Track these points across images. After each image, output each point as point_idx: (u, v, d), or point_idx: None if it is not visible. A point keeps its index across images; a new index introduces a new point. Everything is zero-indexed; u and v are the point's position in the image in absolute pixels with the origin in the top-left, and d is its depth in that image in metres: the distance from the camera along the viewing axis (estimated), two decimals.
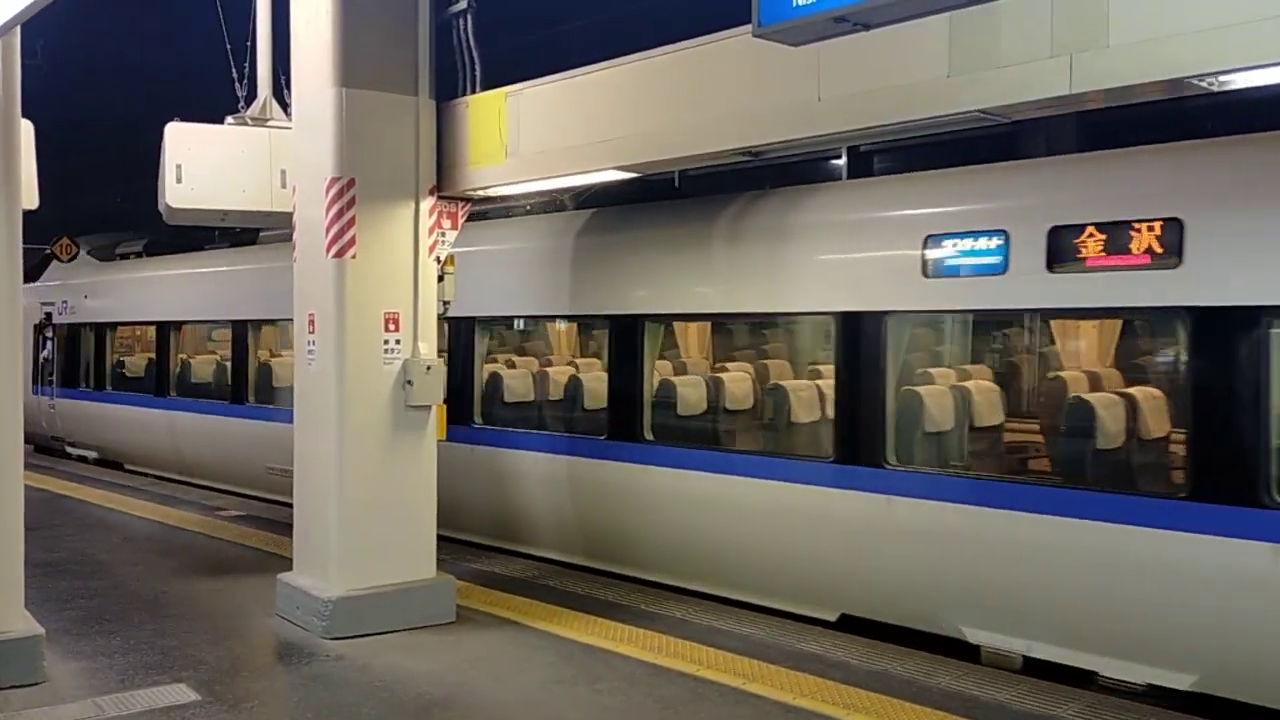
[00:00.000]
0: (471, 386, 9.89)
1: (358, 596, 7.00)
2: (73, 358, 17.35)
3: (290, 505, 7.75)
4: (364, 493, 7.06)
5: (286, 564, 7.71)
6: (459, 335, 9.96)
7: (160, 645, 6.78)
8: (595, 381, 9.22)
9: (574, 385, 9.61)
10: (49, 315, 17.97)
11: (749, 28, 4.19)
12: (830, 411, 7.58)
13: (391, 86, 7.22)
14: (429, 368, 7.22)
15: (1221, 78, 4.33)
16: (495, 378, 10.11)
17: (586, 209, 9.36)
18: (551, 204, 9.77)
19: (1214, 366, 5.68)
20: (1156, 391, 6.93)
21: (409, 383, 7.18)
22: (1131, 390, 7.01)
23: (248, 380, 13.06)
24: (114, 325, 16.55)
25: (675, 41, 6.26)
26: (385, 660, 6.54)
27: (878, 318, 6.95)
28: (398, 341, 7.20)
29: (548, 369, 10.26)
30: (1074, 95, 4.65)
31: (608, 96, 6.62)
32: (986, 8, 4.41)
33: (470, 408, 9.81)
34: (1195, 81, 4.45)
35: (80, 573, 8.82)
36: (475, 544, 9.79)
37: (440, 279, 7.56)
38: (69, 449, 17.38)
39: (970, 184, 6.98)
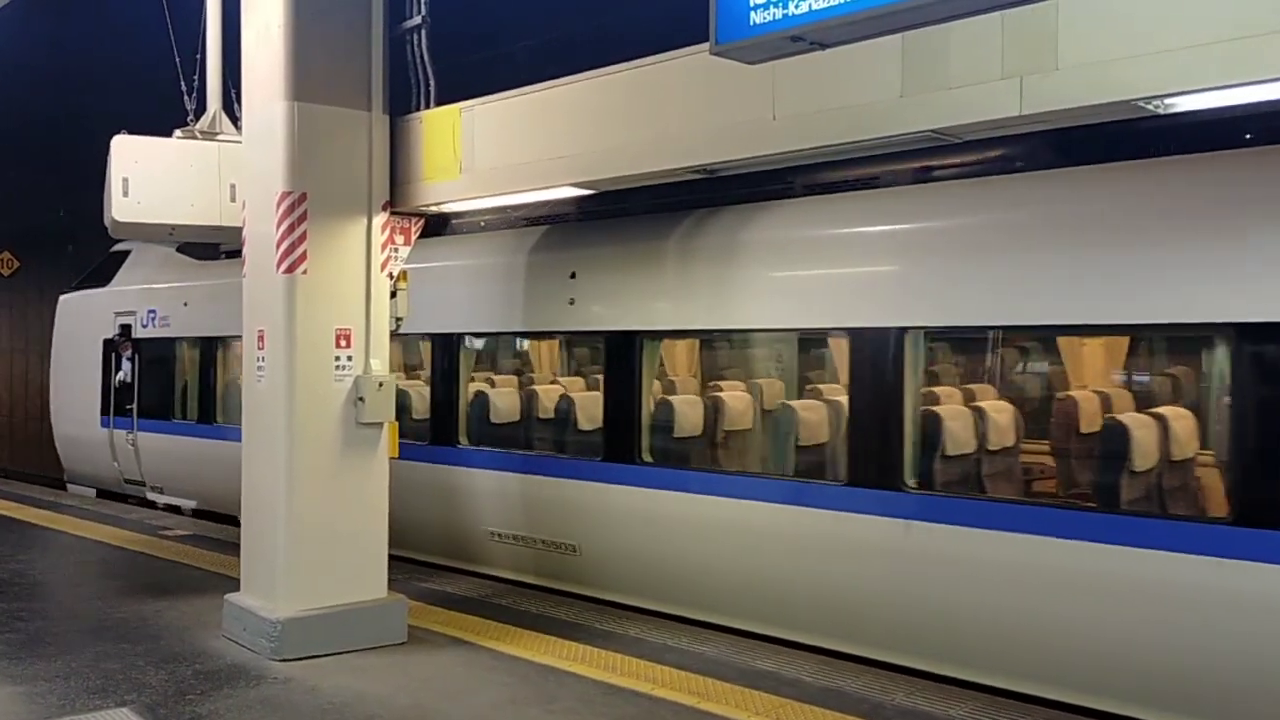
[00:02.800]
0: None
1: (306, 617, 6.88)
2: (163, 381, 13.79)
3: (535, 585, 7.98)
4: (313, 511, 6.96)
5: (234, 584, 7.57)
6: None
7: (103, 669, 6.61)
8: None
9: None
10: (126, 329, 14.39)
11: (705, 46, 4.22)
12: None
13: (344, 101, 7.16)
14: (380, 384, 7.14)
15: (1167, 100, 4.42)
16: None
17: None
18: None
19: None
20: None
21: (360, 400, 7.09)
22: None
23: (457, 412, 9.56)
24: (226, 340, 12.69)
25: (631, 59, 6.28)
26: (335, 682, 6.43)
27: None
28: (349, 358, 7.12)
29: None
30: (1024, 116, 4.72)
31: (563, 113, 6.62)
32: (939, 30, 4.48)
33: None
34: (1142, 104, 4.54)
35: (20, 594, 8.59)
36: (430, 564, 9.70)
37: (393, 295, 7.48)
38: (152, 496, 13.96)
39: None
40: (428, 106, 7.41)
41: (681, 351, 9.62)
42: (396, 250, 7.49)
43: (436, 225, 9.71)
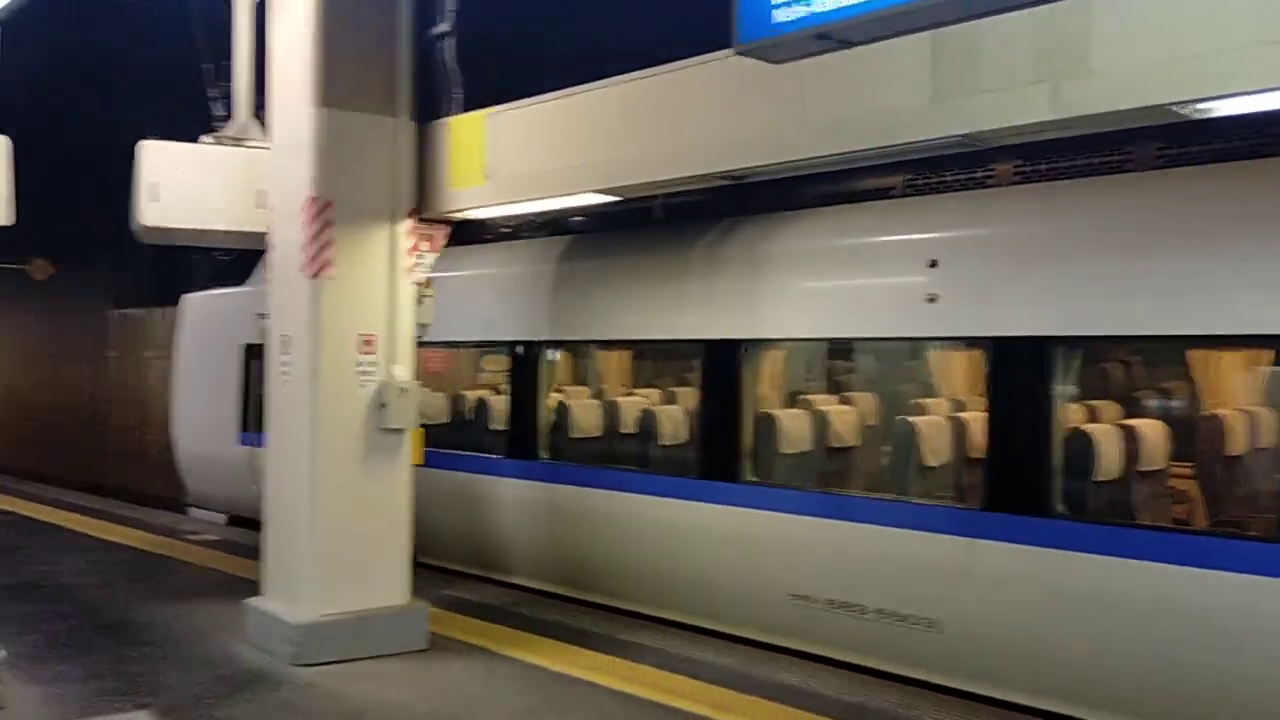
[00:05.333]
0: None
1: (328, 622, 6.85)
2: None
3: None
4: (336, 515, 6.94)
5: (256, 589, 7.56)
6: None
7: (123, 671, 6.61)
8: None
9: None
10: None
11: (730, 50, 4.17)
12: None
13: (370, 107, 7.16)
14: (403, 390, 7.12)
15: (1201, 105, 4.32)
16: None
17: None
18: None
19: None
20: None
21: (383, 405, 7.07)
22: None
23: (741, 435, 7.64)
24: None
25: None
26: (355, 688, 6.40)
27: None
28: (373, 363, 7.10)
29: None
30: (1056, 121, 4.63)
31: (588, 120, 6.59)
32: (969, 32, 4.42)
33: None
34: (1176, 108, 4.44)
35: (45, 596, 8.64)
36: (450, 570, 9.70)
37: (418, 302, 7.47)
38: None
39: None
40: (454, 113, 7.39)
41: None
42: (422, 257, 7.48)
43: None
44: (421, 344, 10.24)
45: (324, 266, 6.91)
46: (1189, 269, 5.66)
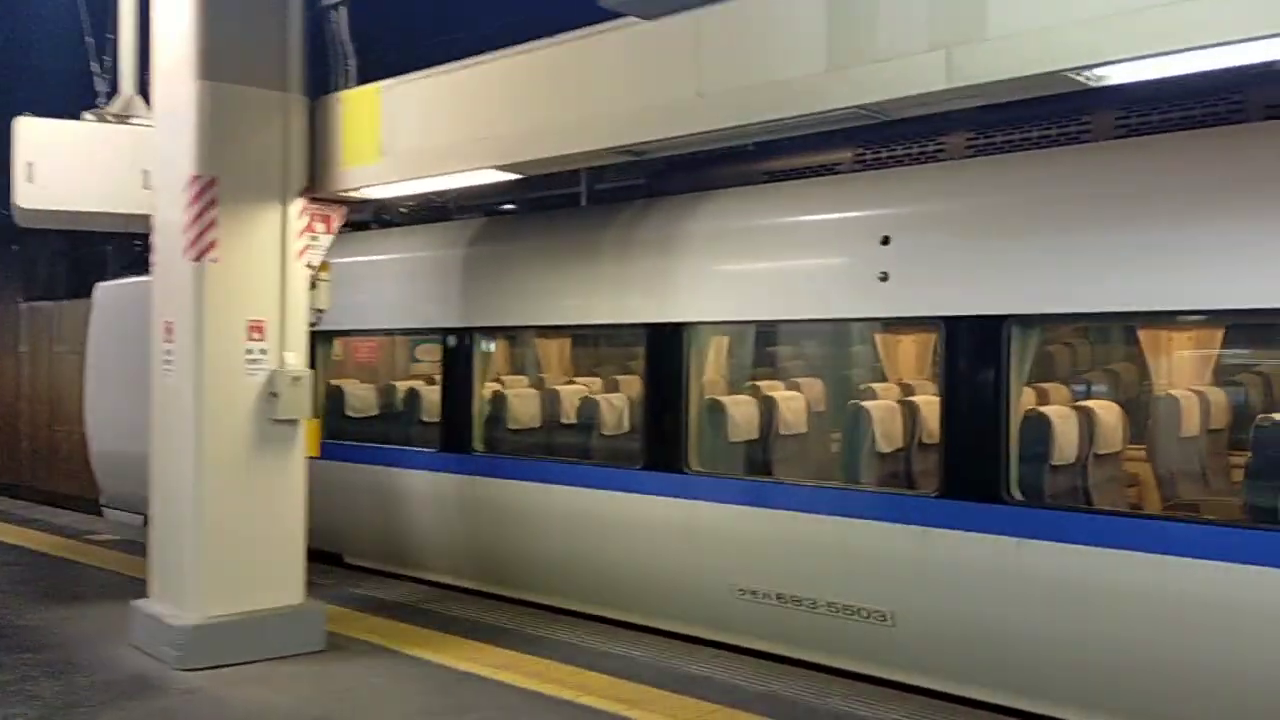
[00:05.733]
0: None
1: (216, 624, 6.52)
2: None
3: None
4: (224, 512, 6.59)
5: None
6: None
7: None
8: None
9: None
10: None
11: (630, 21, 3.94)
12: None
13: (259, 81, 6.80)
14: (296, 379, 6.79)
15: (1099, 71, 4.17)
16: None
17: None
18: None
19: None
20: None
21: (274, 395, 6.74)
22: None
23: (685, 424, 7.26)
24: (334, 335, 10.05)
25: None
26: (242, 693, 6.08)
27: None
28: (263, 351, 6.76)
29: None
30: (952, 90, 4.46)
31: (485, 92, 6.31)
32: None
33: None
34: (1074, 75, 4.29)
35: None
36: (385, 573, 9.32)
37: (313, 286, 7.14)
38: None
39: None
40: (347, 87, 7.06)
41: None
42: (316, 239, 7.14)
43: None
44: (349, 333, 10.05)
45: (207, 248, 6.55)
46: (1156, 242, 5.42)
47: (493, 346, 9.15)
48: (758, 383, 8.49)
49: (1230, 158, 5.42)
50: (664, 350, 7.33)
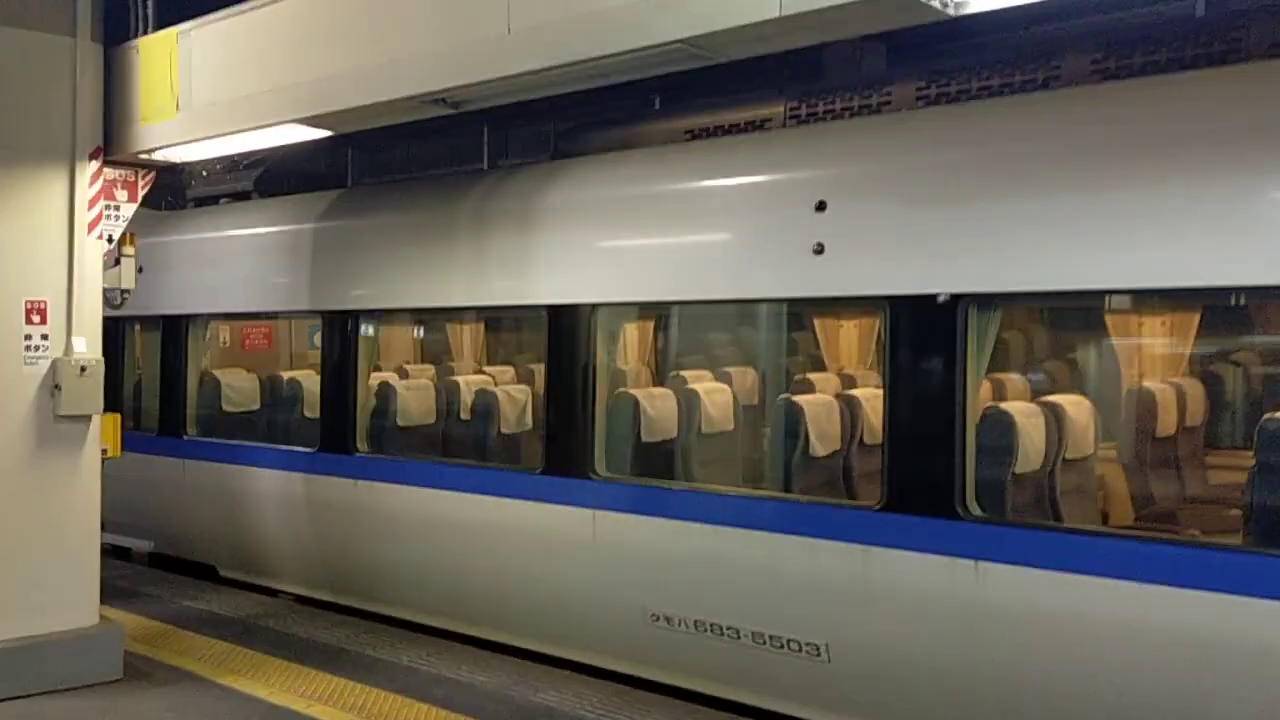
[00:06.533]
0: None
1: None
2: (110, 379, 9.94)
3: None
4: None
5: None
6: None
7: None
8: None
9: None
10: None
11: None
12: None
13: (39, 23, 5.88)
14: (84, 369, 5.89)
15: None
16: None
17: None
18: None
19: None
20: None
21: (57, 388, 5.84)
22: None
23: (591, 421, 6.37)
24: (196, 320, 9.09)
25: None
26: None
27: None
28: (44, 337, 5.86)
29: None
30: (786, 19, 3.63)
31: (286, 34, 5.41)
32: None
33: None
34: (932, 3, 3.47)
35: None
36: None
37: (114, 263, 6.24)
38: None
39: None
40: (145, 33, 6.13)
41: None
42: (117, 209, 6.24)
43: None
44: (223, 316, 9.10)
45: None
46: (1138, 206, 4.49)
47: (379, 332, 8.11)
48: (683, 373, 7.69)
49: (1239, 102, 4.49)
50: (566, 336, 6.37)
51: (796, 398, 6.33)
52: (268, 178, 9.09)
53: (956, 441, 4.87)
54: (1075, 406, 5.68)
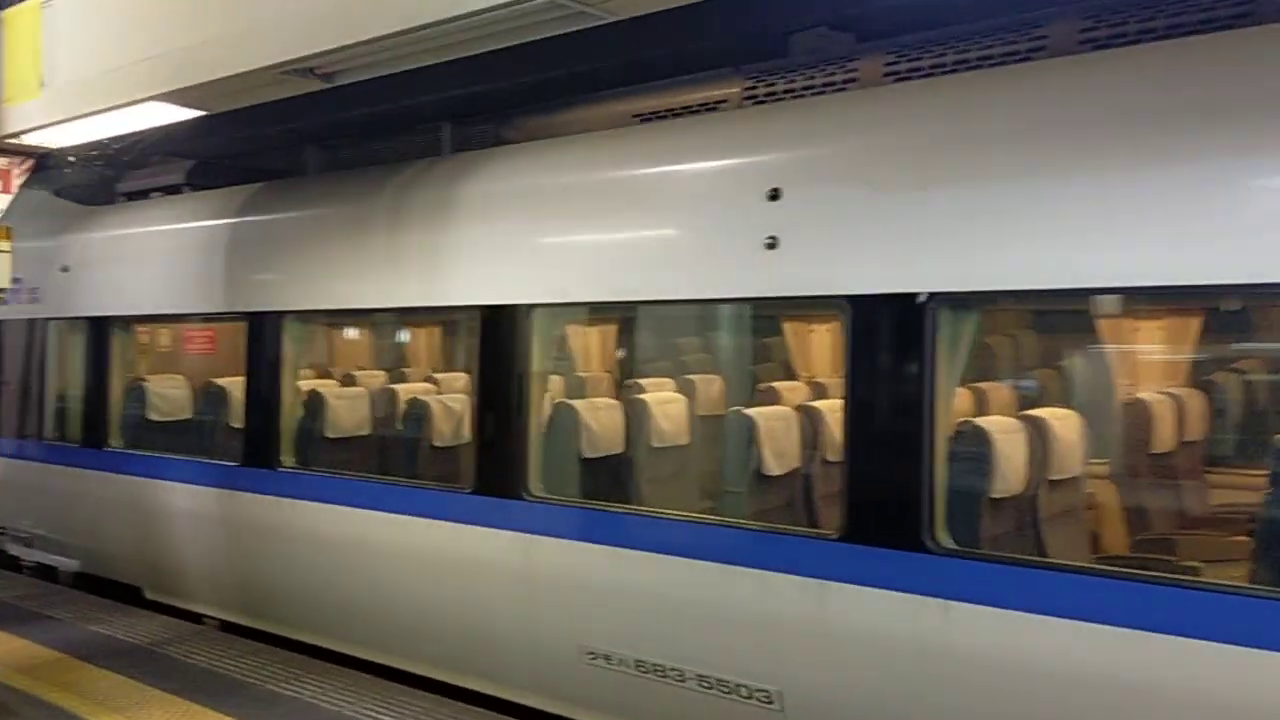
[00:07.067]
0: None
1: None
2: (28, 383, 9.24)
3: None
4: None
5: None
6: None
7: None
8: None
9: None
10: None
11: None
12: None
13: None
14: None
15: None
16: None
17: None
18: None
19: None
20: None
21: None
22: None
23: (526, 435, 5.74)
24: (126, 322, 8.51)
25: None
26: None
27: None
28: None
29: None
30: None
31: (147, 1, 4.83)
32: None
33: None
34: None
35: None
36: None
37: None
38: (15, 551, 9.24)
39: None
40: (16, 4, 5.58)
41: None
42: None
43: None
44: (146, 319, 8.59)
45: None
46: (1135, 189, 3.85)
47: (304, 336, 7.41)
48: (640, 381, 7.11)
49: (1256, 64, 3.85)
50: (498, 340, 5.75)
51: (749, 410, 5.69)
52: (203, 170, 8.52)
53: (924, 462, 4.26)
54: (1061, 421, 5.05)
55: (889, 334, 4.38)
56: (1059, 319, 6.78)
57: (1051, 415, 5.06)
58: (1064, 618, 3.82)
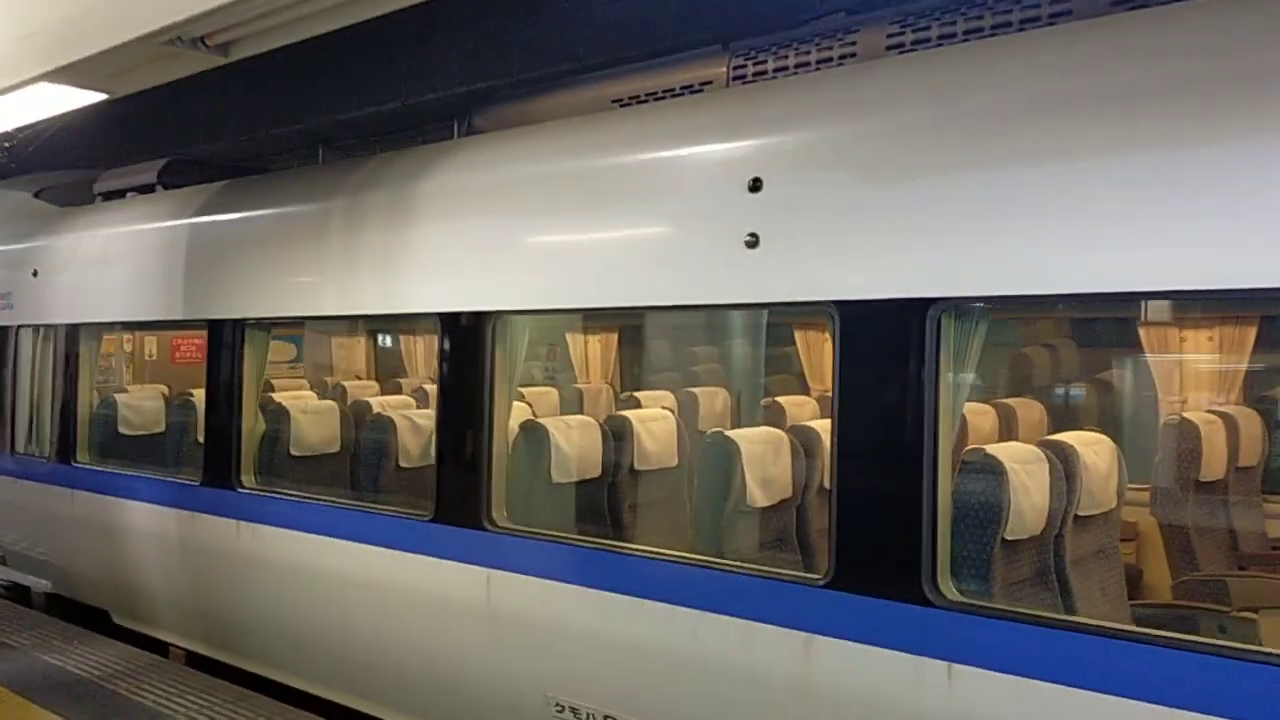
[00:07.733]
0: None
1: None
2: (1, 395, 8.76)
3: None
4: None
5: None
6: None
7: None
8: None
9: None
10: None
11: None
12: None
13: None
14: None
15: None
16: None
17: None
18: None
19: None
20: None
21: None
22: None
23: (489, 456, 5.16)
24: (99, 330, 8.24)
25: None
26: None
27: None
28: None
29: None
30: None
31: None
32: None
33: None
34: None
35: None
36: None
37: None
38: None
39: None
40: None
41: None
42: None
43: None
44: (108, 326, 8.14)
45: None
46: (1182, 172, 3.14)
47: (265, 346, 6.77)
48: (636, 394, 6.63)
49: None
50: (461, 350, 5.15)
51: (730, 432, 5.02)
52: (175, 169, 8.00)
53: (925, 496, 3.59)
54: (1092, 447, 4.31)
55: (882, 344, 3.71)
56: (1090, 329, 6.02)
57: (1079, 441, 4.33)
58: (1090, 690, 3.08)
